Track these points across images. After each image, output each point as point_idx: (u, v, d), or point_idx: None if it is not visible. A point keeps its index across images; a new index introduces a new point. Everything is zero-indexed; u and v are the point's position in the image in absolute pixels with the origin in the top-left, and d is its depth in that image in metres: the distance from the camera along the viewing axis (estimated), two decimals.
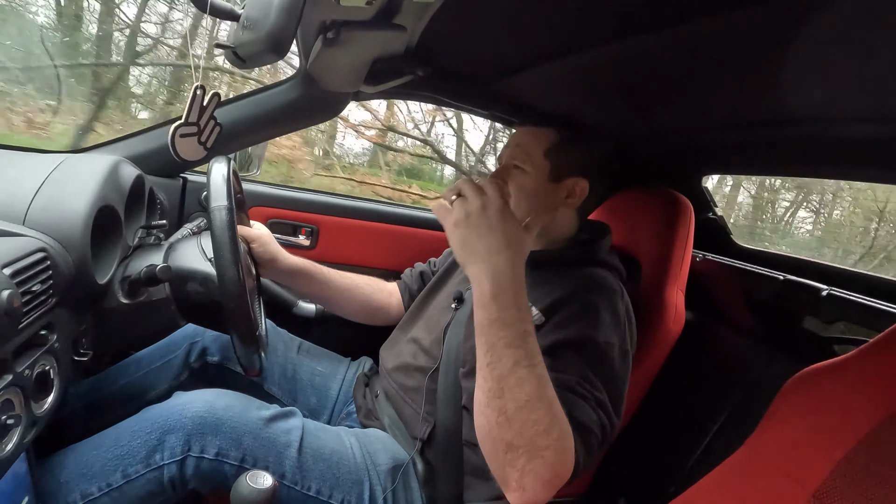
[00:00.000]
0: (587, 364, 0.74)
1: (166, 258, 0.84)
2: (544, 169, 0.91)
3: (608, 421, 0.72)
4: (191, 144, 0.86)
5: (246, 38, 0.75)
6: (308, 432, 0.83)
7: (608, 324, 0.79)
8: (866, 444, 0.58)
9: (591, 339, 0.75)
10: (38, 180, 0.72)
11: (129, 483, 0.72)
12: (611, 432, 0.73)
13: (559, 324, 0.78)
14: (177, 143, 0.84)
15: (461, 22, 0.82)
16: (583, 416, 0.68)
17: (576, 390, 0.70)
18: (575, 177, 0.92)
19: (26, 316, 0.58)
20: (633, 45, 0.75)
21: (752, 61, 0.71)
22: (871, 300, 0.91)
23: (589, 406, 0.70)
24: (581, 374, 0.72)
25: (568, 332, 0.76)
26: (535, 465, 0.60)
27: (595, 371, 0.73)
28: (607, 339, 0.77)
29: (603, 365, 0.75)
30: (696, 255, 1.30)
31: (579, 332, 0.76)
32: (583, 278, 0.87)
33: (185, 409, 0.77)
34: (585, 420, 0.68)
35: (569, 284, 0.84)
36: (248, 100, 1.18)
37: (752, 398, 1.02)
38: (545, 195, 0.92)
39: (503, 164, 0.96)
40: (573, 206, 0.94)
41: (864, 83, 0.67)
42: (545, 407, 0.60)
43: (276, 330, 1.14)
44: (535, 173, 0.91)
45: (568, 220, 0.96)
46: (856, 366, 0.65)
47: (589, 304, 0.80)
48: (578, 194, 0.93)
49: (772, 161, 1.17)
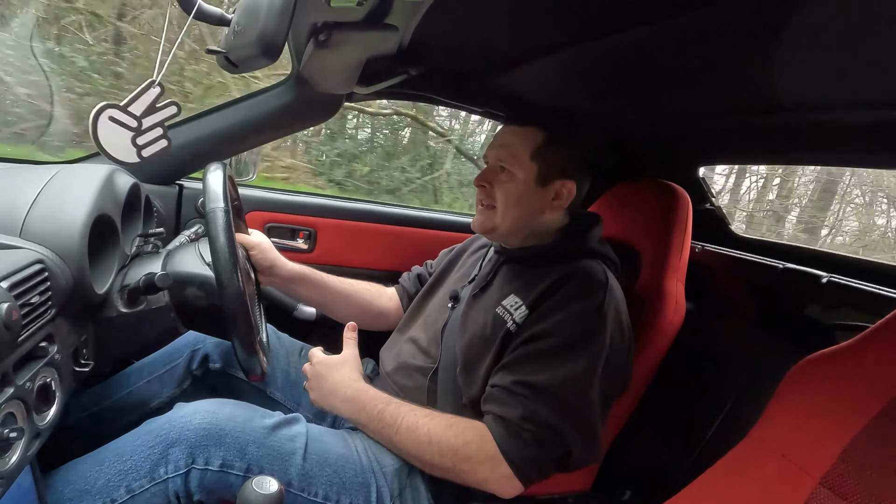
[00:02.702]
0: (544, 355, 0.80)
1: (165, 266, 0.84)
2: (532, 172, 0.91)
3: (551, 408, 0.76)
4: (121, 137, 0.72)
5: (237, 43, 0.74)
6: (312, 438, 0.83)
7: (583, 316, 0.81)
8: (872, 428, 0.59)
9: (559, 332, 0.80)
10: (34, 192, 0.72)
11: (133, 498, 0.72)
12: (561, 418, 0.77)
13: (539, 316, 0.83)
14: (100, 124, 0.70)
15: (453, 20, 0.81)
16: (508, 413, 0.77)
17: (511, 389, 0.79)
18: (562, 179, 0.92)
19: (26, 328, 0.58)
20: (626, 37, 0.75)
21: (745, 50, 0.71)
22: (872, 286, 0.92)
23: (516, 402, 0.78)
24: (530, 368, 0.80)
25: (543, 324, 0.82)
26: (466, 477, 0.77)
27: (550, 361, 0.79)
28: (577, 331, 0.80)
29: (563, 355, 0.79)
30: (695, 246, 1.30)
31: (552, 323, 0.81)
32: (569, 270, 0.87)
33: (187, 420, 0.76)
34: (508, 416, 0.77)
35: (555, 276, 0.86)
36: (241, 104, 1.17)
37: (755, 387, 1.02)
38: (533, 199, 0.92)
39: (489, 166, 0.95)
40: (560, 207, 0.94)
41: (859, 68, 0.67)
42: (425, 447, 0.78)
43: (277, 334, 1.14)
44: (523, 176, 0.91)
45: (556, 217, 0.96)
46: (858, 352, 0.65)
47: (569, 297, 0.83)
48: (565, 196, 0.93)
49: (768, 149, 1.17)
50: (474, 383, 0.86)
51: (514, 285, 0.91)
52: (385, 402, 0.84)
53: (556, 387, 0.77)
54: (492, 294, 0.93)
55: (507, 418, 0.77)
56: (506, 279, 0.95)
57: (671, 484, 1.04)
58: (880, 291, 0.90)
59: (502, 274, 0.96)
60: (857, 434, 0.59)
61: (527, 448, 0.76)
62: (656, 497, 0.74)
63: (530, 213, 0.93)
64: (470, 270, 1.08)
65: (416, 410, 0.83)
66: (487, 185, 0.94)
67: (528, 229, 0.95)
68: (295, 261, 1.10)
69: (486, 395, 0.83)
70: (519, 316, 0.85)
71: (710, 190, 1.37)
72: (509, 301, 0.88)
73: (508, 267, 0.97)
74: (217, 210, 0.74)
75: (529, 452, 0.76)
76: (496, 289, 0.94)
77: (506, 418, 0.77)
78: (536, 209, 0.93)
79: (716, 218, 1.39)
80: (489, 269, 0.99)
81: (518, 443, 0.76)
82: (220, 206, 0.74)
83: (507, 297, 0.88)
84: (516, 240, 0.97)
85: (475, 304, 0.95)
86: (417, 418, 0.81)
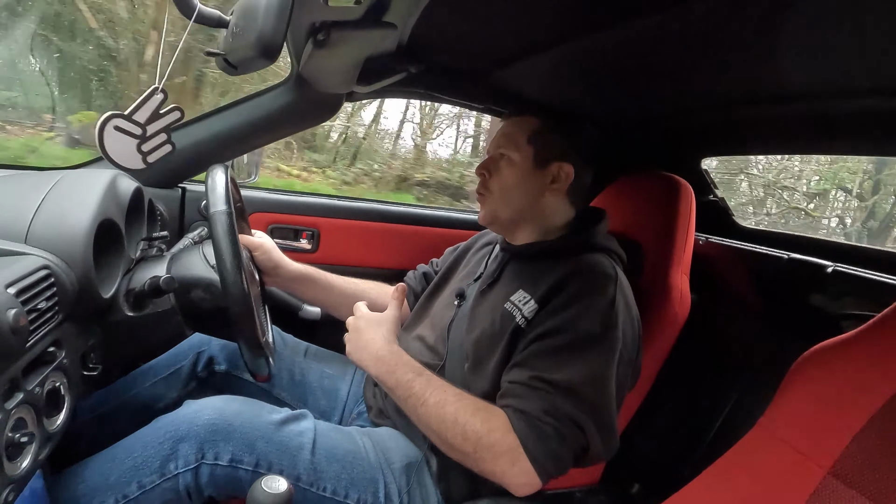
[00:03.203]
0: (559, 352, 0.78)
1: (169, 269, 0.84)
2: (528, 154, 0.93)
3: (576, 408, 0.75)
4: (126, 145, 0.75)
5: (236, 45, 0.74)
6: (320, 433, 0.84)
7: (597, 310, 0.80)
8: (880, 418, 0.58)
9: (573, 327, 0.79)
10: (38, 198, 0.72)
11: (144, 494, 0.73)
12: (582, 412, 0.75)
13: (550, 311, 0.82)
14: (106, 133, 0.72)
15: (451, 16, 0.81)
16: (529, 407, 0.75)
17: (530, 385, 0.77)
18: (559, 161, 0.93)
19: (33, 334, 0.58)
20: (626, 31, 0.75)
21: (745, 41, 0.70)
22: (877, 274, 0.91)
23: (537, 396, 0.76)
24: (546, 364, 0.78)
25: (556, 320, 0.80)
26: (484, 466, 0.75)
27: (566, 357, 0.78)
28: (592, 325, 0.79)
29: (580, 351, 0.78)
30: (699, 238, 1.29)
31: (565, 319, 0.80)
32: (578, 265, 0.87)
33: (196, 416, 0.77)
34: (529, 409, 0.75)
35: (564, 271, 0.85)
36: (241, 106, 1.17)
37: (761, 378, 1.02)
38: (531, 181, 0.93)
39: (490, 155, 0.98)
40: (559, 191, 0.94)
41: (859, 57, 0.66)
42: (449, 425, 0.76)
43: (281, 335, 1.15)
44: (520, 159, 0.93)
45: (559, 207, 0.96)
46: (865, 341, 0.65)
47: (580, 291, 0.82)
48: (563, 179, 0.93)
49: (771, 139, 1.16)
50: (483, 379, 0.86)
51: (521, 280, 0.91)
52: (416, 371, 0.83)
53: (575, 382, 0.76)
54: (499, 291, 0.93)
55: (528, 412, 0.75)
56: (513, 275, 0.95)
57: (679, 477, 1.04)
58: (886, 280, 0.89)
59: (509, 270, 0.96)
60: (865, 423, 0.59)
61: (548, 442, 0.74)
62: (664, 490, 0.74)
63: (529, 198, 0.94)
64: (476, 268, 1.08)
65: (447, 388, 0.81)
66: (486, 174, 0.96)
67: (531, 217, 0.95)
68: (299, 261, 1.10)
69: (502, 392, 0.81)
70: (528, 311, 0.84)
71: (713, 182, 1.36)
72: (517, 296, 0.87)
73: (515, 263, 0.97)
74: (220, 212, 0.74)
75: (550, 446, 0.74)
76: (503, 285, 0.94)
77: (527, 412, 0.75)
78: (535, 192, 0.94)
79: (719, 209, 1.38)
80: (495, 266, 0.99)
81: (540, 436, 0.74)
82: (223, 209, 0.75)
83: (516, 292, 0.88)
84: (520, 231, 0.97)
85: (482, 301, 0.95)
86: (447, 396, 0.79)
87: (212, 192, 0.77)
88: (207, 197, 0.76)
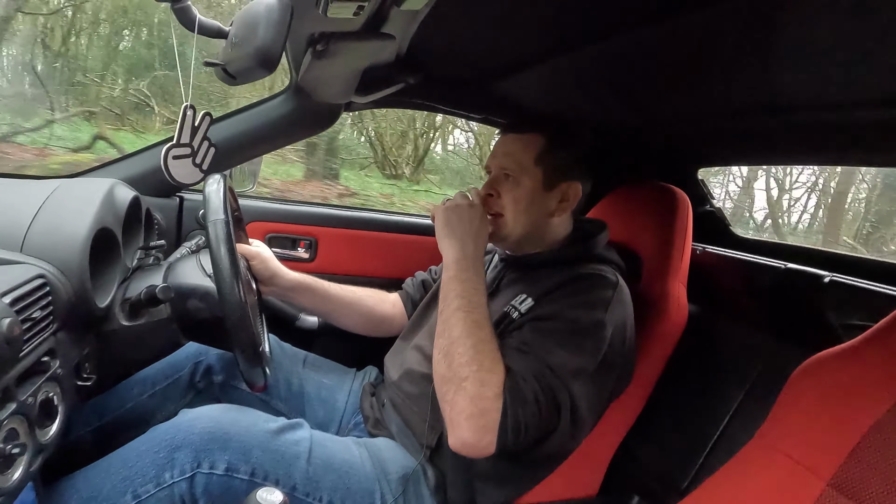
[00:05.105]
0: (550, 335, 0.79)
1: (166, 278, 0.84)
2: (537, 177, 0.91)
3: (560, 384, 0.75)
4: (185, 166, 0.84)
5: (235, 55, 0.75)
6: (317, 443, 0.83)
7: (590, 307, 0.81)
8: (879, 428, 0.58)
9: (564, 316, 0.80)
10: (35, 207, 0.72)
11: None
12: (567, 398, 0.75)
13: (545, 302, 0.84)
14: (170, 165, 0.82)
15: (450, 27, 0.82)
16: (518, 366, 0.75)
17: (521, 349, 0.78)
18: (567, 181, 0.92)
19: (27, 343, 0.58)
20: (623, 41, 0.76)
21: (742, 51, 0.71)
22: (875, 284, 0.91)
23: (530, 364, 0.76)
24: (542, 344, 0.78)
25: (550, 308, 0.82)
26: (459, 396, 0.73)
27: (555, 342, 0.78)
28: (582, 319, 0.80)
29: (568, 339, 0.78)
30: (696, 248, 1.29)
31: (558, 309, 0.81)
32: (579, 272, 0.87)
33: (192, 425, 0.77)
34: (520, 370, 0.75)
35: (563, 277, 0.86)
36: (241, 116, 1.18)
37: (760, 389, 1.02)
38: (541, 203, 0.92)
39: (494, 175, 0.95)
40: (567, 209, 0.94)
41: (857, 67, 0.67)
42: (471, 343, 0.75)
43: (279, 344, 1.14)
44: (529, 183, 0.91)
45: (563, 222, 0.96)
46: (863, 351, 0.65)
47: (578, 290, 0.84)
48: (572, 198, 0.93)
49: (768, 150, 1.17)
50: None
51: (522, 285, 0.91)
52: (480, 293, 0.82)
53: (558, 366, 0.76)
54: (499, 301, 0.93)
55: (514, 369, 0.75)
56: (512, 283, 0.95)
57: (678, 488, 1.03)
58: (884, 290, 0.89)
59: (508, 279, 0.96)
60: (865, 433, 0.59)
61: (525, 406, 0.72)
62: (663, 502, 0.73)
63: (540, 218, 0.93)
64: None
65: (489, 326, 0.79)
66: (495, 194, 0.94)
67: (538, 235, 0.95)
68: (296, 270, 1.10)
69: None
70: (525, 307, 0.86)
71: (710, 192, 1.37)
72: (517, 300, 0.88)
73: (514, 272, 0.97)
74: (217, 221, 0.74)
75: (528, 410, 0.72)
76: (503, 294, 0.94)
77: (513, 369, 0.75)
78: (546, 213, 0.93)
79: (716, 219, 1.38)
80: (494, 275, 0.99)
81: (517, 397, 0.72)
82: (221, 218, 0.75)
83: (515, 297, 0.89)
84: (524, 246, 0.97)
85: None
86: (486, 323, 0.79)
87: (209, 201, 0.77)
88: (205, 206, 0.76)
